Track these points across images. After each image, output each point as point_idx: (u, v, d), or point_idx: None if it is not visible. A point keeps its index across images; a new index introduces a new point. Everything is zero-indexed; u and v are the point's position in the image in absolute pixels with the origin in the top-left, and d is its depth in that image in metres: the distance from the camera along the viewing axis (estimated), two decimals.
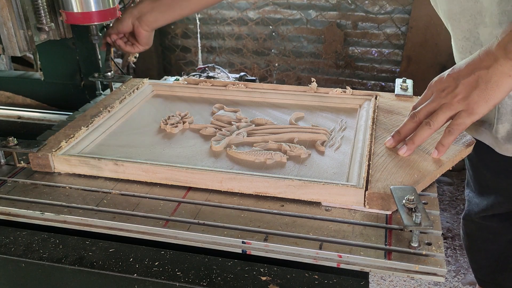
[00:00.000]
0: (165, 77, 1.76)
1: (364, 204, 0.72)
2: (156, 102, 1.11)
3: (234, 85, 1.12)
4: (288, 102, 1.08)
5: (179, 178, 0.79)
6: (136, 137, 0.94)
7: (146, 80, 1.17)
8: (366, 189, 0.72)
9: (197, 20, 2.80)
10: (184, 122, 0.97)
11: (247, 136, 0.92)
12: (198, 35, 2.74)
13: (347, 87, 1.07)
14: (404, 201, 0.66)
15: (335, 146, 0.88)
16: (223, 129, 0.94)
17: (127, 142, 0.92)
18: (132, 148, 0.89)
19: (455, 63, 0.81)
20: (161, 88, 1.16)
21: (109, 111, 1.01)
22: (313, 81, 1.09)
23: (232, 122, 0.97)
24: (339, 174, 0.79)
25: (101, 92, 1.23)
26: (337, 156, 0.85)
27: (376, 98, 1.03)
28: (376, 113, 0.95)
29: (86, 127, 0.93)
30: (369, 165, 0.78)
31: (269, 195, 0.76)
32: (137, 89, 1.12)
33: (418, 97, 1.02)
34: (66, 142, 0.87)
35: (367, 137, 0.87)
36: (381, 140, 0.85)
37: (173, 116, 1.00)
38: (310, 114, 1.02)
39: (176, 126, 0.96)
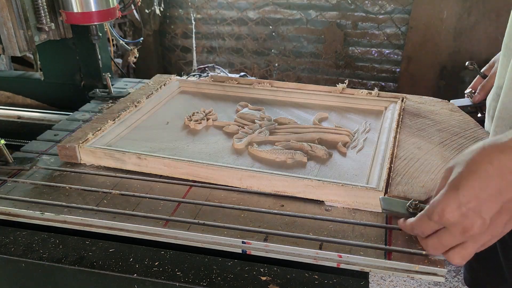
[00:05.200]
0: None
1: None
2: (182, 98, 1.13)
3: (259, 83, 1.12)
4: (313, 102, 1.07)
5: (200, 174, 0.79)
6: (161, 132, 0.96)
7: (174, 77, 1.19)
8: (386, 192, 0.71)
9: (193, 20, 2.81)
10: (208, 119, 0.99)
11: (269, 135, 0.93)
12: (193, 35, 2.75)
13: (375, 88, 1.05)
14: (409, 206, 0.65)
15: (358, 148, 0.88)
16: (246, 127, 0.95)
17: (152, 136, 0.94)
18: (156, 143, 0.91)
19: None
20: (188, 85, 1.18)
21: (135, 106, 1.03)
22: (345, 82, 1.07)
23: (256, 121, 0.97)
24: (359, 176, 0.79)
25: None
26: (358, 158, 0.85)
27: (402, 100, 1.01)
28: (401, 116, 0.94)
29: (113, 120, 0.95)
30: (390, 168, 0.77)
31: (288, 194, 0.76)
32: (164, 85, 1.14)
33: (451, 101, 1.00)
34: (93, 135, 0.89)
35: (390, 140, 0.86)
36: (404, 144, 0.85)
37: (197, 112, 1.01)
38: (334, 115, 1.01)
39: (200, 123, 0.97)
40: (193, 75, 1.27)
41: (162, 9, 2.85)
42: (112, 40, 1.44)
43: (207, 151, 0.88)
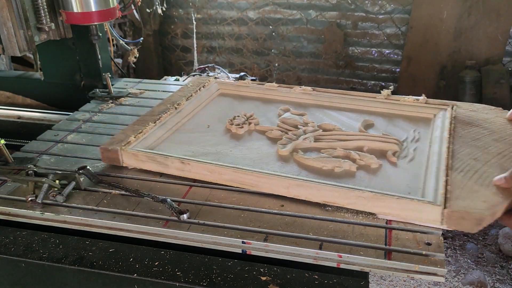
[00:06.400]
0: (165, 77, 1.76)
1: (442, 222, 0.67)
2: (221, 101, 1.11)
3: (300, 87, 1.10)
4: (356, 108, 1.03)
5: (245, 181, 0.77)
6: (203, 136, 0.94)
7: (212, 79, 1.17)
8: (445, 207, 0.67)
9: (194, 20, 2.81)
10: (250, 123, 0.97)
11: (314, 141, 0.89)
12: (194, 35, 2.75)
13: (422, 95, 1.00)
14: None
15: (408, 158, 0.83)
16: (290, 132, 0.92)
17: (193, 140, 0.92)
18: (199, 147, 0.89)
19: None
20: (227, 87, 1.16)
21: (176, 108, 1.01)
22: (391, 88, 1.04)
23: (299, 126, 0.94)
24: (413, 188, 0.75)
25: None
26: (410, 169, 0.80)
27: (452, 108, 0.96)
28: (453, 125, 0.89)
29: (154, 123, 0.94)
30: (446, 180, 0.73)
31: (338, 205, 0.73)
32: (203, 87, 1.12)
33: (506, 110, 0.93)
34: (134, 137, 0.88)
35: (443, 150, 0.81)
36: (460, 154, 0.80)
37: (238, 116, 0.99)
38: (380, 121, 0.97)
39: (242, 127, 0.95)
40: (193, 75, 1.27)
41: (164, 9, 2.85)
42: (112, 40, 1.44)
43: (251, 157, 0.85)
